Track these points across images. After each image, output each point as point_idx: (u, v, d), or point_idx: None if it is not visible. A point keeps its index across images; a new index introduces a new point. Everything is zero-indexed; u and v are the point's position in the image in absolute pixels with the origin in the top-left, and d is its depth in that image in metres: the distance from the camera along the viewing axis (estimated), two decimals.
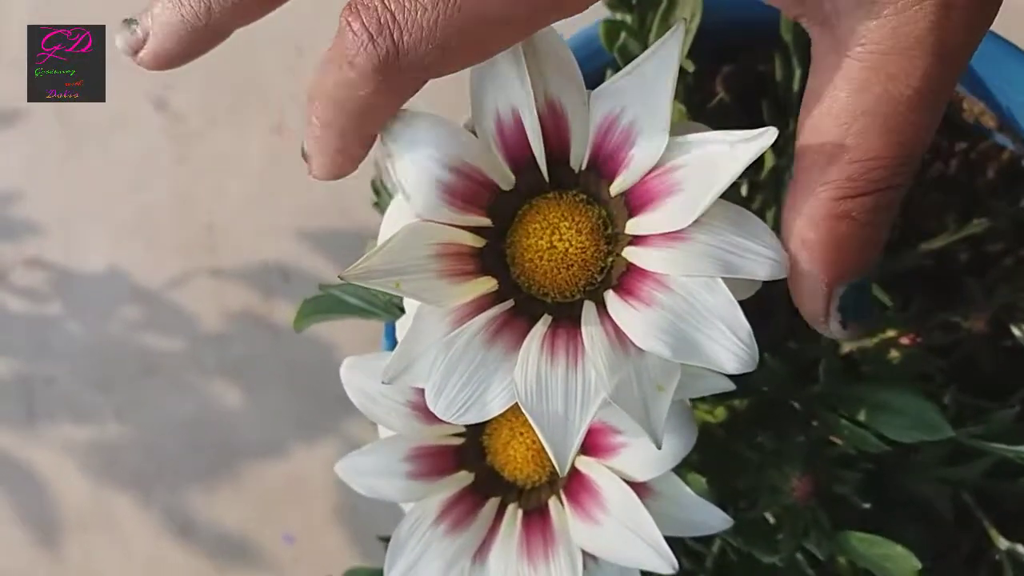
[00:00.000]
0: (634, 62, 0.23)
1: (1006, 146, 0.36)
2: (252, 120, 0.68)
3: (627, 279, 0.23)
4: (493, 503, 0.28)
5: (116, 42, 0.24)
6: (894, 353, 0.30)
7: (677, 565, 0.24)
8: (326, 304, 0.37)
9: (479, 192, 0.25)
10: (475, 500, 0.28)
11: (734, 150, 0.21)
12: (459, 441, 0.29)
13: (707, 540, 0.32)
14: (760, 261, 0.22)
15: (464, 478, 0.29)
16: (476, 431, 0.29)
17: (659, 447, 0.22)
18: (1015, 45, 0.33)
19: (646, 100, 0.23)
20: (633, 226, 0.23)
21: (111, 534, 0.68)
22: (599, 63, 0.34)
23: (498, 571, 0.27)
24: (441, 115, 0.24)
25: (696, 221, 0.22)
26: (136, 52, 0.24)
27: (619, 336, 0.23)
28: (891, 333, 0.30)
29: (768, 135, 0.21)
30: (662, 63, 0.22)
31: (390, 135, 0.24)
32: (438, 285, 0.24)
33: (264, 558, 0.67)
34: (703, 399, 0.32)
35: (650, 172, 0.23)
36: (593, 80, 0.32)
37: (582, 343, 0.23)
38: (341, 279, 0.23)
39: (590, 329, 0.23)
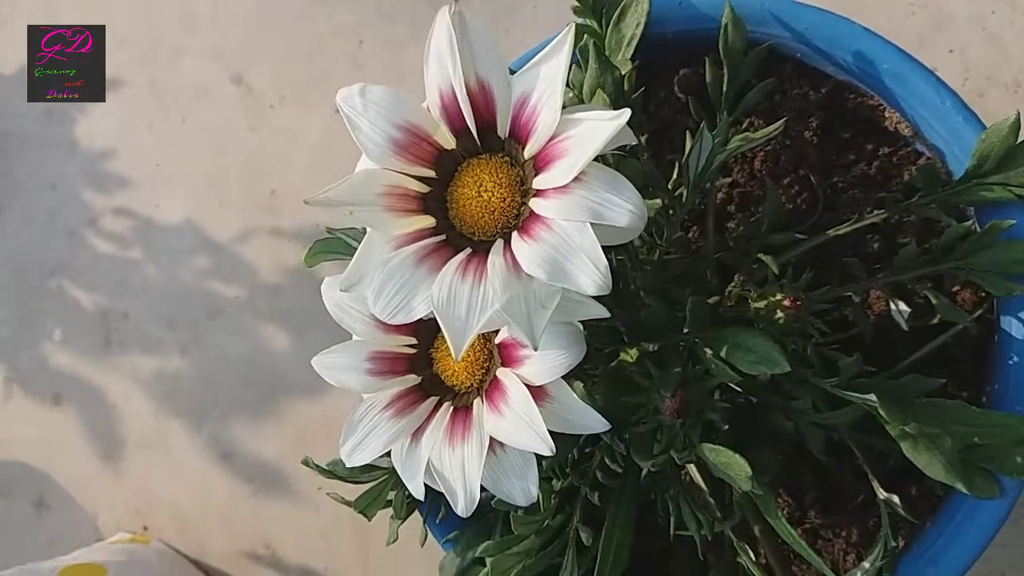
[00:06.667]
0: (540, 54, 0.30)
1: (923, 153, 0.42)
2: (316, 99, 0.77)
3: (527, 223, 0.30)
4: (432, 400, 0.35)
5: None
6: (780, 314, 0.36)
7: (555, 449, 0.31)
8: (333, 245, 0.44)
9: (425, 149, 0.32)
10: (418, 396, 0.36)
11: (604, 125, 0.28)
12: (412, 351, 0.36)
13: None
14: (622, 212, 0.28)
15: (412, 380, 0.36)
16: (426, 344, 0.36)
17: (535, 349, 0.29)
18: (917, 60, 0.39)
19: (547, 84, 0.29)
20: (537, 182, 0.30)
21: (165, 454, 0.78)
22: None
23: (427, 449, 0.34)
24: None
25: (578, 179, 0.29)
26: None
27: (515, 264, 0.29)
28: (778, 296, 0.35)
29: (624, 115, 0.27)
30: (557, 57, 0.29)
31: (348, 102, 0.31)
32: (384, 217, 0.31)
33: (294, 485, 0.75)
34: (625, 342, 0.39)
35: (550, 140, 0.30)
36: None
37: (487, 268, 0.30)
38: (306, 203, 0.30)
39: (494, 258, 0.30)
